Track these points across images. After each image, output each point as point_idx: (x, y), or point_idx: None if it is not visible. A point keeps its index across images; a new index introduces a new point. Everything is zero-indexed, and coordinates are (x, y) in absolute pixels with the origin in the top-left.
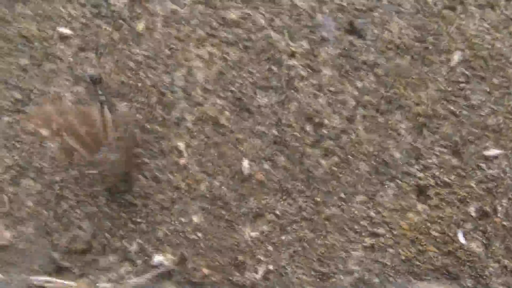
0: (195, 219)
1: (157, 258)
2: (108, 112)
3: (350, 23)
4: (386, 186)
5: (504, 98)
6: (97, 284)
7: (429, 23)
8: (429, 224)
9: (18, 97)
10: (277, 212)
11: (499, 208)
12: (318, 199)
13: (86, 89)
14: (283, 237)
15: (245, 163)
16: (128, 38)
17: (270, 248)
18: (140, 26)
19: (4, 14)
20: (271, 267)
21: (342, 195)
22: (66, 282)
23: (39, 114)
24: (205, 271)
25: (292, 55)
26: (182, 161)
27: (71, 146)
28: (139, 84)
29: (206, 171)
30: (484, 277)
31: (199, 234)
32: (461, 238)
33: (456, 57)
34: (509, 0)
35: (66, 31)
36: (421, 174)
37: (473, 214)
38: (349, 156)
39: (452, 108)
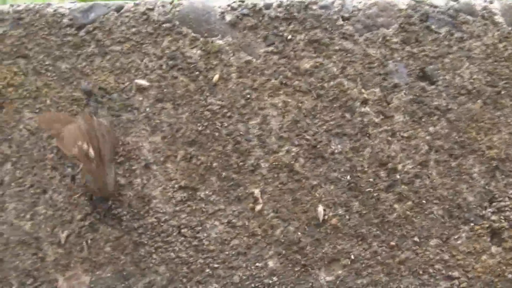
0: (271, 263)
1: None
2: (98, 125)
3: (421, 69)
4: (460, 229)
5: None
6: None
7: (500, 67)
8: (504, 267)
9: None
10: (352, 257)
11: None
12: (393, 243)
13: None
14: (358, 281)
15: (320, 208)
16: (204, 88)
17: None
18: (216, 77)
19: (83, 67)
20: None
21: (416, 239)
22: None
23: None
24: None
25: (365, 102)
26: (257, 207)
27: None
28: (215, 133)
29: (281, 217)
30: None
31: (275, 279)
32: None
33: None
34: None
35: (143, 82)
36: (495, 217)
37: None
38: (423, 200)
39: None
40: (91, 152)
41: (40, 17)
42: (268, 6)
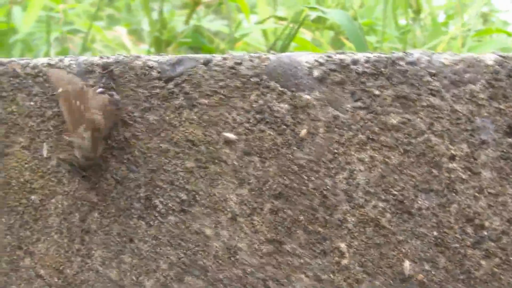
0: None
1: None
2: (105, 100)
3: (509, 125)
4: None
5: None
6: None
7: None
8: None
9: (184, 198)
10: None
11: None
12: None
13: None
14: None
15: (406, 264)
16: (291, 142)
17: None
18: (303, 131)
19: (171, 119)
20: None
21: None
22: None
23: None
24: None
25: (452, 158)
26: (343, 261)
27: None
28: (302, 187)
29: (367, 271)
30: None
31: None
32: None
33: None
34: None
35: (231, 135)
36: None
37: None
38: (510, 257)
39: None
40: (100, 123)
41: (129, 69)
42: (355, 62)
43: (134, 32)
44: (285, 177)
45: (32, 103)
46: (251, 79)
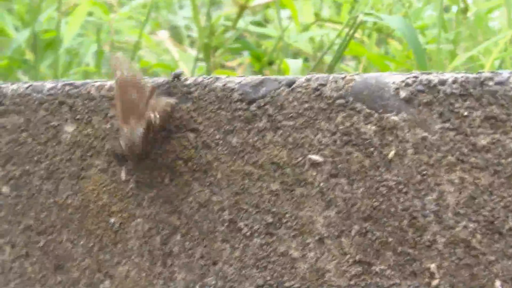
0: None
1: None
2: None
3: None
4: None
5: None
6: None
7: None
8: None
9: (269, 221)
10: None
11: None
12: None
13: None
14: None
15: (497, 284)
16: (379, 164)
17: None
18: (391, 153)
19: (254, 142)
20: None
21: None
22: None
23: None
24: None
25: None
26: (433, 282)
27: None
28: (391, 209)
29: None
30: None
31: None
32: None
33: None
34: None
35: (317, 158)
36: None
37: None
38: None
39: None
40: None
41: (209, 91)
42: (443, 82)
43: (170, 31)
44: (373, 199)
45: (108, 125)
46: (337, 101)
